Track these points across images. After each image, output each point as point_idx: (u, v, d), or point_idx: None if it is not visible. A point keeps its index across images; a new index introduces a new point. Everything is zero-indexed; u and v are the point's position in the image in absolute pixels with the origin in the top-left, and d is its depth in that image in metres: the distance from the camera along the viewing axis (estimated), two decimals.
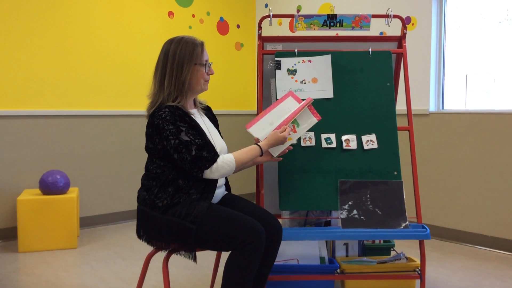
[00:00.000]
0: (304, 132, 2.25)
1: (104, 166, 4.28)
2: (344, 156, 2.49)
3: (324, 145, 2.50)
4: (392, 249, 2.80)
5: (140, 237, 2.06)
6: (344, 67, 2.60)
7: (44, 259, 3.29)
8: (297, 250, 2.56)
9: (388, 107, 2.56)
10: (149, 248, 2.09)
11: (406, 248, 3.18)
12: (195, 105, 2.19)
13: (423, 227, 2.34)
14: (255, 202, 2.48)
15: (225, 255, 1.96)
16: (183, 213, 1.91)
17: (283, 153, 2.16)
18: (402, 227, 2.33)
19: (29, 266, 3.15)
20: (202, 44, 2.08)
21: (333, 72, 2.58)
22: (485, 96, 3.84)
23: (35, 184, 3.84)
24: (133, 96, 4.43)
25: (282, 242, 2.17)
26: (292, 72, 2.58)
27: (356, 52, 2.63)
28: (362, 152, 2.50)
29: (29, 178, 3.85)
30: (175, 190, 1.96)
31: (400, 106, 3.12)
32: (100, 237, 3.87)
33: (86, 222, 4.16)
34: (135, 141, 4.41)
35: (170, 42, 2.06)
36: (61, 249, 3.52)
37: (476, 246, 3.62)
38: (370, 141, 2.51)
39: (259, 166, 2.51)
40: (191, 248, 1.94)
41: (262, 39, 2.69)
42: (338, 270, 2.52)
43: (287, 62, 2.59)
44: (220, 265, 2.30)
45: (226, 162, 1.96)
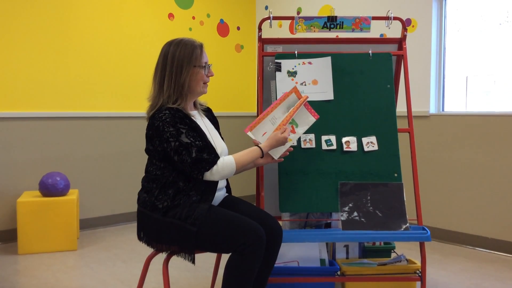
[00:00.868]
0: (303, 132, 2.25)
1: (104, 168, 4.28)
2: (344, 158, 2.49)
3: (324, 147, 2.50)
4: (392, 251, 2.79)
5: (140, 239, 2.06)
6: (344, 69, 2.60)
7: (44, 261, 3.29)
8: (297, 252, 2.55)
9: (389, 109, 2.56)
10: (149, 250, 2.09)
11: (407, 250, 3.17)
12: (196, 107, 2.19)
13: (424, 229, 2.34)
14: (255, 204, 2.48)
15: (225, 257, 1.95)
16: (183, 215, 1.91)
17: (284, 154, 2.16)
18: (403, 229, 2.32)
19: (29, 268, 3.15)
20: (201, 46, 2.08)
21: (333, 74, 2.58)
22: (485, 98, 3.84)
23: (35, 186, 3.83)
24: (133, 98, 4.43)
25: (283, 244, 2.16)
26: (292, 74, 2.58)
27: (356, 54, 2.63)
28: (363, 154, 2.50)
29: (29, 180, 3.85)
30: (175, 192, 1.96)
31: (401, 108, 3.12)
32: (100, 239, 3.86)
33: (86, 224, 4.16)
34: (135, 143, 4.40)
35: (169, 44, 2.05)
36: (61, 251, 3.51)
37: (476, 248, 3.62)
38: (370, 143, 2.51)
39: (259, 168, 2.51)
40: (191, 250, 1.93)
41: (262, 41, 2.69)
42: (339, 272, 2.51)
43: (287, 64, 2.59)
44: (220, 267, 2.29)
45: (226, 164, 1.96)
